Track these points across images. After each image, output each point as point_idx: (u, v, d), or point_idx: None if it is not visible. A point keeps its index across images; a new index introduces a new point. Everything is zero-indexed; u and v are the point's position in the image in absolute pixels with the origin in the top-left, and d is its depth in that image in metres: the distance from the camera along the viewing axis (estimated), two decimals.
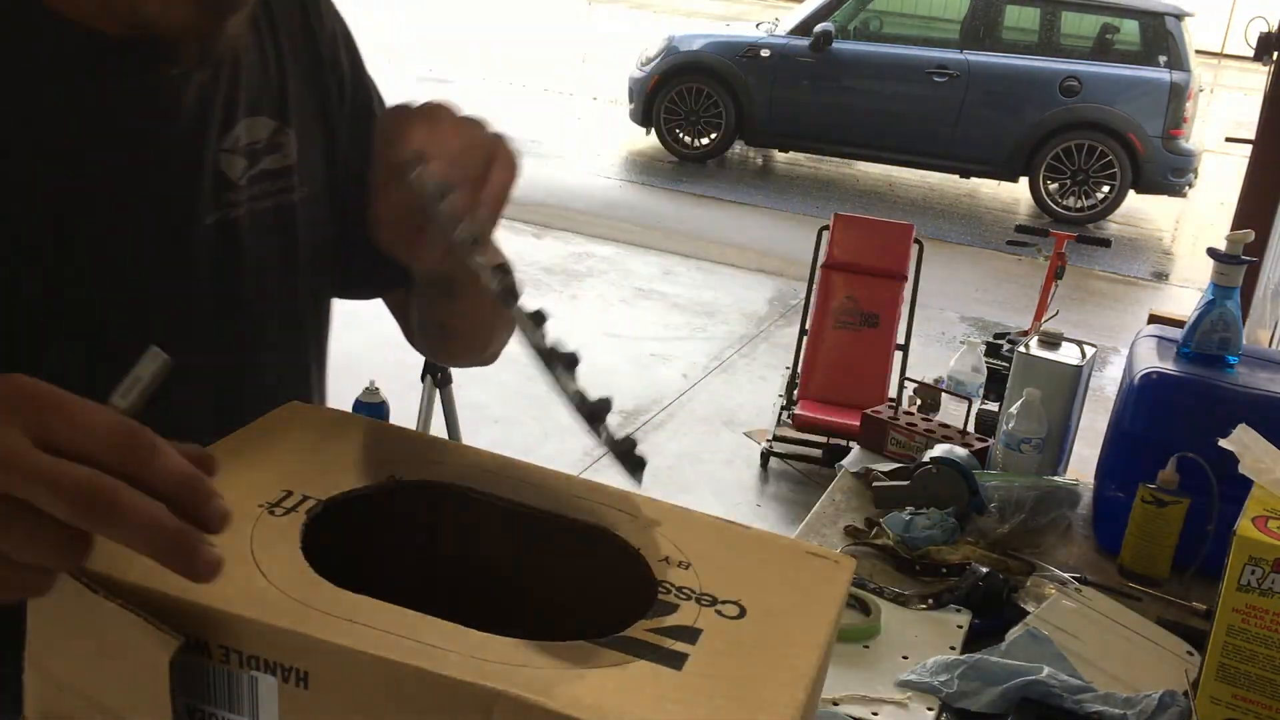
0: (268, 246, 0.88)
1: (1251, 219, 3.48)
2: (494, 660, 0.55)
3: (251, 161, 0.86)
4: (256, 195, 0.86)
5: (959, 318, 6.19)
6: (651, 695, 0.55)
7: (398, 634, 0.55)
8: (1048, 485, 1.61)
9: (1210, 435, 1.25)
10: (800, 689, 0.58)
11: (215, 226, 0.83)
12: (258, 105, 0.86)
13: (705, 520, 0.73)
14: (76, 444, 0.49)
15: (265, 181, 0.87)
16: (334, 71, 0.95)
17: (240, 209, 0.85)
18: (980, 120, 8.64)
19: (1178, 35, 8.38)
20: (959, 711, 1.19)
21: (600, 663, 0.56)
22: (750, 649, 0.60)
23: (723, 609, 0.63)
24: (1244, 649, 1.10)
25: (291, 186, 0.89)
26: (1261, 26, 3.85)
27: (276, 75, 0.89)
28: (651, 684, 0.56)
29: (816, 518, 1.65)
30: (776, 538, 0.74)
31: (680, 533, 0.70)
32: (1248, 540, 1.09)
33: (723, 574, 0.66)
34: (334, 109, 0.95)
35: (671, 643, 0.59)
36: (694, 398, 4.77)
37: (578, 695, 0.53)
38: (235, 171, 0.84)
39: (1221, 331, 1.59)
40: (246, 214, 0.85)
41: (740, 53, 9.02)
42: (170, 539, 0.49)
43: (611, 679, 0.55)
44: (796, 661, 0.60)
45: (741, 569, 0.67)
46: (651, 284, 6.20)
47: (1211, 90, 15.24)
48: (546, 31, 17.68)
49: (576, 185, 8.28)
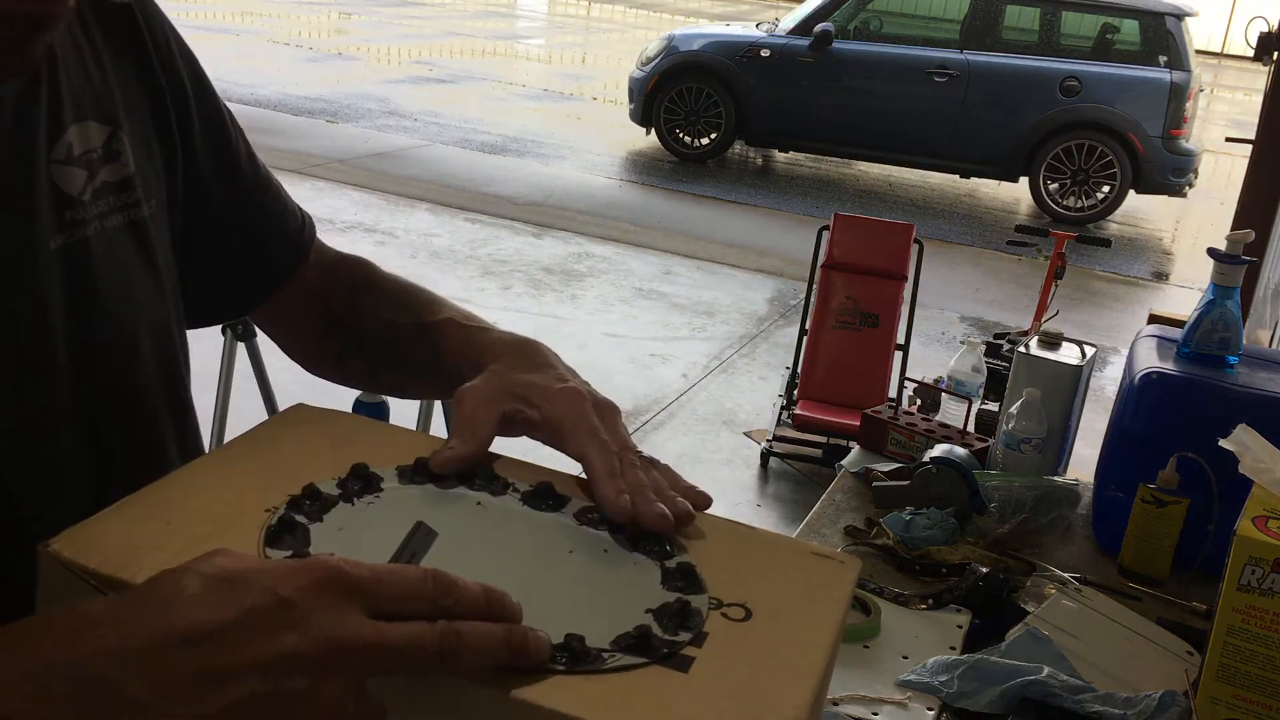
0: (128, 267, 0.79)
1: (1251, 219, 3.48)
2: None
3: (91, 173, 0.76)
4: (104, 211, 0.76)
5: (959, 318, 6.19)
6: (658, 698, 0.55)
7: None
8: (1048, 485, 1.61)
9: (1210, 435, 1.25)
10: (807, 690, 0.58)
11: (62, 251, 0.73)
12: (84, 109, 0.76)
13: (710, 521, 0.73)
14: (404, 606, 0.54)
15: (109, 195, 0.77)
16: (169, 79, 0.85)
17: (88, 227, 0.75)
18: (980, 120, 8.65)
19: (1178, 35, 8.39)
20: (959, 711, 1.19)
21: (606, 665, 0.57)
22: (756, 651, 0.60)
23: (729, 611, 0.63)
24: (1244, 649, 1.10)
25: (137, 200, 0.80)
26: (1261, 26, 3.85)
27: (99, 77, 0.79)
28: (658, 686, 0.56)
29: (816, 518, 1.65)
30: (781, 538, 0.74)
31: (685, 533, 0.70)
32: (1248, 540, 1.09)
33: (729, 576, 0.66)
34: (168, 119, 0.85)
35: (678, 645, 0.59)
36: (694, 398, 4.77)
37: (584, 696, 0.54)
38: (75, 186, 0.74)
39: (1221, 331, 1.59)
40: (95, 233, 0.75)
41: (740, 53, 9.03)
42: (505, 642, 0.55)
43: (617, 681, 0.56)
44: (802, 663, 0.60)
45: (747, 570, 0.67)
46: (651, 284, 6.20)
47: (1211, 90, 15.24)
48: (547, 31, 17.68)
49: (576, 185, 8.29)
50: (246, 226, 0.93)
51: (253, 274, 0.95)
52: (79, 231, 0.74)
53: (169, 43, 0.86)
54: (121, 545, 0.60)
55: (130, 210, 0.79)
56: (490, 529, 0.68)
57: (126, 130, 0.79)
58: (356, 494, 0.68)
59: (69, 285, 0.73)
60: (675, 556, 0.67)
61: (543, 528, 0.69)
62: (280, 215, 0.96)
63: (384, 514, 0.67)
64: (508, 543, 0.67)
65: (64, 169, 0.74)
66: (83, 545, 0.59)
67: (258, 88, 9.90)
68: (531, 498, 0.71)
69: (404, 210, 7.06)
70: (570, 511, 0.70)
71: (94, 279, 0.75)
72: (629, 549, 0.68)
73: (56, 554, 0.58)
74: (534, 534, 0.68)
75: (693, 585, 0.64)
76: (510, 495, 0.71)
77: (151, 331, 0.82)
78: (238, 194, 0.92)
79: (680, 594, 0.63)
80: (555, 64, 14.89)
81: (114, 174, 0.78)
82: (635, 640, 0.58)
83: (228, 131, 0.92)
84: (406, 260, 6.03)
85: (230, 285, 0.95)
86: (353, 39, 14.47)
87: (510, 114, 10.70)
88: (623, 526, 0.69)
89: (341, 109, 9.89)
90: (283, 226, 0.96)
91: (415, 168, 8.18)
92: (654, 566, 0.66)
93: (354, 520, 0.66)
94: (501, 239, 6.64)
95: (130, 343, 0.79)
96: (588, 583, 0.65)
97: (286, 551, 0.61)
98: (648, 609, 0.61)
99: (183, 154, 0.86)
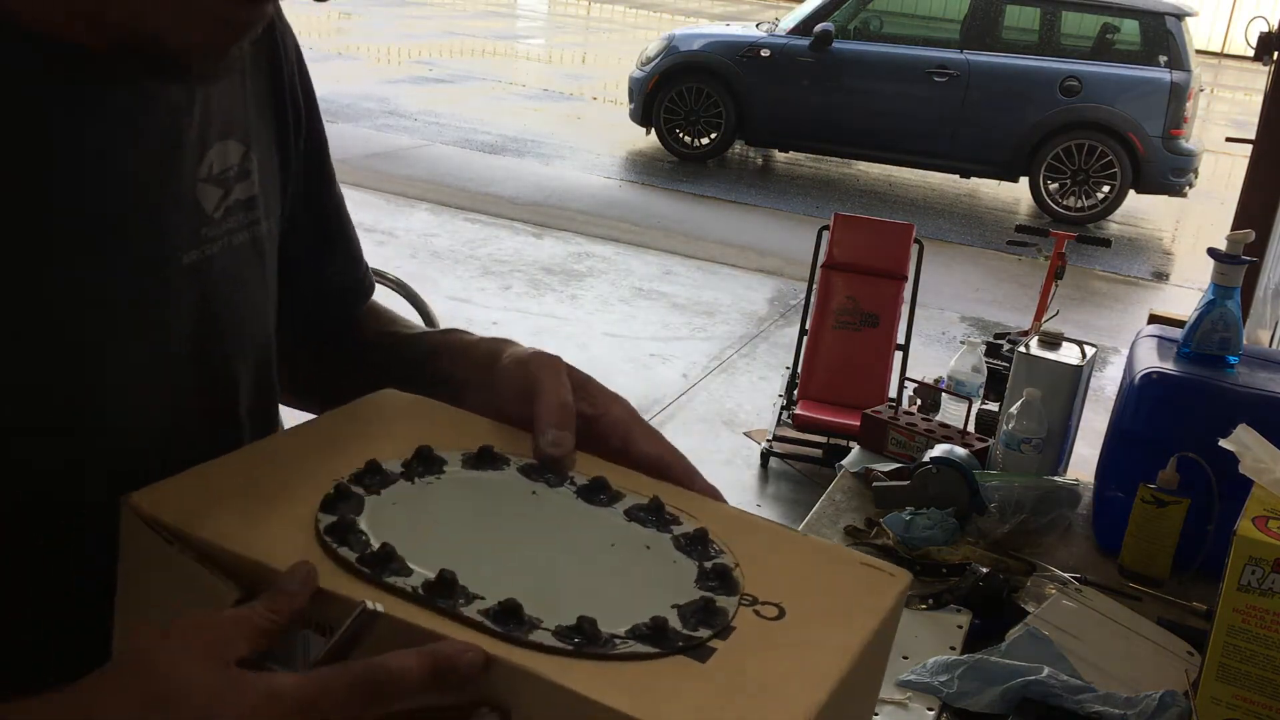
0: (247, 284, 0.80)
1: (1251, 219, 3.48)
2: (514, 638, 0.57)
3: (226, 191, 0.77)
4: (232, 229, 0.78)
5: (959, 318, 6.19)
6: (668, 684, 0.56)
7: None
8: (1048, 485, 1.61)
9: (1210, 435, 1.25)
10: (821, 691, 0.58)
11: (192, 267, 0.74)
12: (229, 128, 0.78)
13: (762, 524, 0.73)
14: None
15: (240, 213, 0.79)
16: (291, 98, 0.87)
17: (216, 244, 0.76)
18: (980, 120, 8.65)
19: (1178, 35, 8.39)
20: (959, 711, 1.19)
21: (617, 650, 0.57)
22: (780, 650, 0.60)
23: (762, 609, 0.63)
24: (1244, 649, 1.10)
25: (259, 218, 0.81)
26: (1261, 26, 3.85)
27: (240, 93, 0.80)
28: (671, 673, 0.57)
29: (816, 518, 1.65)
30: (835, 547, 0.74)
31: (732, 533, 0.70)
32: (1248, 540, 1.09)
33: (770, 576, 0.66)
34: (289, 140, 0.87)
35: (703, 637, 0.60)
36: (694, 398, 4.77)
37: (594, 677, 0.55)
38: (211, 203, 0.76)
39: (1221, 331, 1.59)
40: (222, 249, 0.77)
41: (740, 53, 9.03)
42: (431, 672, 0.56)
43: (634, 666, 0.57)
44: (824, 666, 0.60)
45: (790, 574, 0.67)
46: (651, 284, 6.20)
47: (1211, 90, 15.24)
48: (547, 31, 17.69)
49: (576, 185, 8.29)
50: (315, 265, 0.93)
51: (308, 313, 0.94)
52: (210, 248, 0.76)
53: (297, 60, 0.88)
54: (193, 502, 0.64)
55: (253, 228, 0.80)
56: (539, 518, 0.70)
57: (256, 148, 0.81)
58: (418, 474, 0.70)
59: (198, 299, 0.75)
60: (716, 558, 0.67)
61: (590, 520, 0.70)
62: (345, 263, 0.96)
63: (440, 494, 0.69)
64: (552, 532, 0.68)
65: (205, 187, 0.75)
66: (159, 500, 0.64)
67: None
68: (586, 491, 0.72)
69: (404, 210, 7.06)
70: (622, 508, 0.71)
71: (217, 294, 0.77)
72: (674, 548, 0.68)
73: (135, 506, 0.63)
74: (580, 526, 0.69)
75: (726, 586, 0.65)
76: (567, 487, 0.73)
77: (258, 348, 0.84)
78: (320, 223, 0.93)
79: (711, 594, 0.64)
80: (555, 64, 14.89)
81: (244, 192, 0.79)
82: (649, 630, 0.59)
83: (326, 159, 0.93)
84: (406, 260, 6.03)
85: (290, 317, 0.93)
86: (353, 39, 14.47)
87: (510, 114, 10.71)
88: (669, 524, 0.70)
89: (341, 109, 9.89)
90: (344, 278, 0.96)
91: (415, 168, 8.18)
92: (692, 566, 0.66)
93: (410, 497, 0.68)
94: (501, 239, 6.64)
95: (239, 352, 0.81)
96: (621, 576, 0.65)
97: (334, 517, 0.64)
98: (674, 604, 0.62)
99: (290, 176, 0.87)
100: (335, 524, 0.63)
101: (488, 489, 0.71)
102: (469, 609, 0.58)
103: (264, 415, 0.86)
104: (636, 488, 0.73)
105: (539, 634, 0.57)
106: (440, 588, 0.59)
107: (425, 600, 0.59)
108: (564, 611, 0.58)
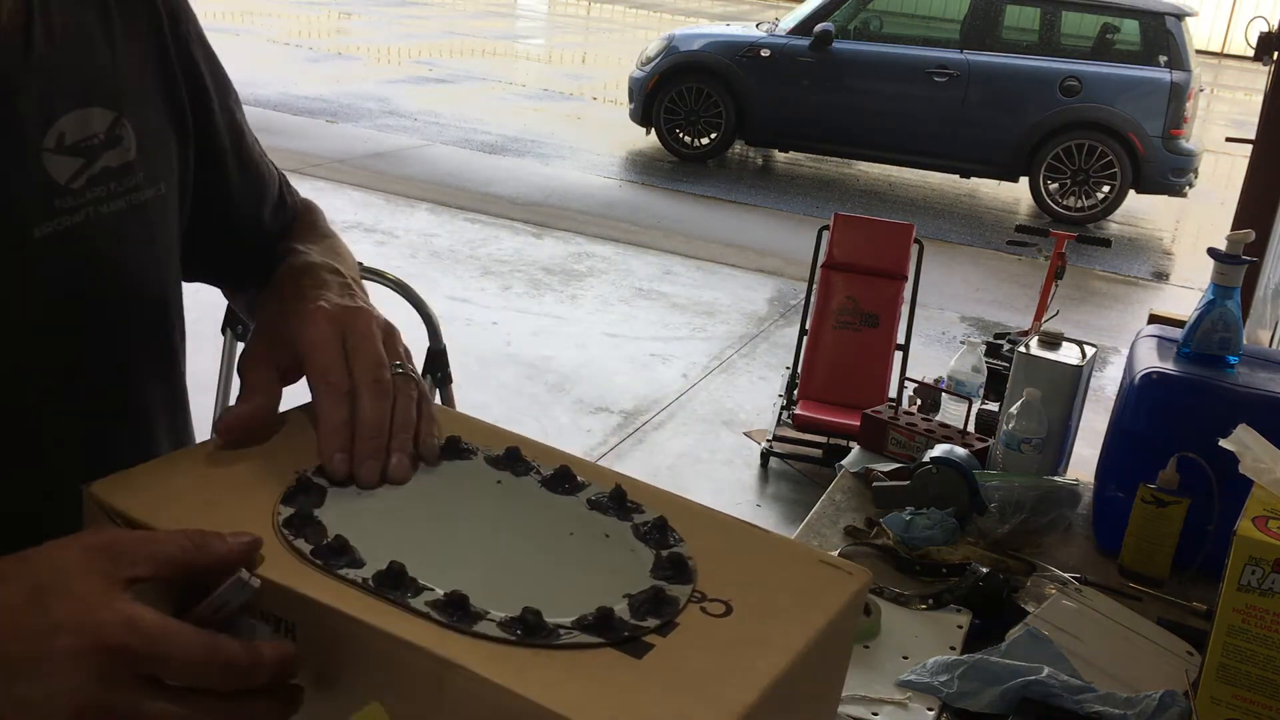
0: (128, 249, 0.80)
1: (1251, 219, 3.48)
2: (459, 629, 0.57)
3: (88, 160, 0.76)
4: (99, 197, 0.77)
5: (959, 318, 6.19)
6: (598, 680, 0.56)
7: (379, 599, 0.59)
8: (1048, 485, 1.61)
9: (1210, 435, 1.25)
10: (753, 690, 0.57)
11: (49, 239, 0.73)
12: (88, 95, 0.76)
13: (724, 521, 0.73)
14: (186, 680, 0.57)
15: (108, 180, 0.77)
16: (185, 60, 0.86)
17: (79, 215, 0.75)
18: (980, 120, 8.65)
19: (1178, 35, 8.39)
20: (959, 711, 1.19)
21: (560, 640, 0.58)
22: (720, 647, 0.60)
23: (709, 606, 0.63)
24: (1244, 649, 1.10)
25: (138, 184, 0.80)
26: (1261, 26, 3.85)
27: (109, 60, 0.79)
28: (604, 670, 0.57)
29: (816, 518, 1.65)
30: (796, 545, 0.74)
31: (693, 529, 0.70)
32: (1248, 540, 1.09)
33: (724, 573, 0.66)
34: (185, 102, 0.86)
35: (649, 627, 0.60)
36: (694, 398, 4.77)
37: (524, 671, 0.55)
38: (65, 174, 0.74)
39: (1222, 331, 1.59)
40: (88, 219, 0.76)
41: (740, 53, 9.03)
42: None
43: (566, 661, 0.57)
44: (761, 663, 0.59)
45: (745, 570, 0.67)
46: (651, 284, 6.20)
47: (1211, 90, 15.24)
48: (547, 31, 17.69)
49: (576, 185, 8.29)
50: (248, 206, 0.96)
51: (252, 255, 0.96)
52: (68, 219, 0.75)
53: (187, 26, 0.87)
54: (155, 492, 0.65)
55: (131, 194, 0.80)
56: (501, 507, 0.70)
57: (132, 115, 0.80)
58: None
59: (60, 271, 0.74)
60: (674, 547, 0.67)
61: (552, 509, 0.71)
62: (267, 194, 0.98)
63: (405, 485, 0.70)
64: (513, 521, 0.69)
65: (54, 157, 0.74)
66: (119, 489, 0.65)
67: (258, 88, 9.89)
68: (550, 481, 0.73)
69: (404, 210, 7.06)
70: (584, 497, 0.72)
71: (87, 263, 0.76)
72: (633, 536, 0.69)
73: (95, 495, 0.64)
74: (541, 515, 0.70)
75: (680, 575, 0.65)
76: (531, 477, 0.74)
77: (145, 309, 0.84)
78: (244, 169, 0.94)
79: (664, 583, 0.63)
80: (555, 64, 14.89)
81: (116, 159, 0.78)
82: (595, 621, 0.59)
83: (237, 113, 0.94)
84: (406, 260, 6.02)
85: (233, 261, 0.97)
86: (353, 39, 14.47)
87: (510, 114, 10.70)
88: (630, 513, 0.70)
89: (341, 109, 9.88)
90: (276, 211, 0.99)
91: (415, 168, 8.18)
92: (650, 554, 0.67)
93: (373, 488, 0.69)
94: (501, 239, 6.64)
95: (122, 319, 0.81)
96: (577, 564, 0.66)
97: (293, 509, 0.65)
98: (625, 594, 0.62)
99: (197, 137, 0.87)
100: (293, 516, 0.64)
101: (453, 479, 0.72)
102: (417, 600, 0.59)
103: (160, 373, 0.87)
104: (600, 478, 0.74)
105: (484, 625, 0.57)
106: (389, 579, 0.60)
107: (375, 591, 0.59)
108: (513, 602, 0.59)
